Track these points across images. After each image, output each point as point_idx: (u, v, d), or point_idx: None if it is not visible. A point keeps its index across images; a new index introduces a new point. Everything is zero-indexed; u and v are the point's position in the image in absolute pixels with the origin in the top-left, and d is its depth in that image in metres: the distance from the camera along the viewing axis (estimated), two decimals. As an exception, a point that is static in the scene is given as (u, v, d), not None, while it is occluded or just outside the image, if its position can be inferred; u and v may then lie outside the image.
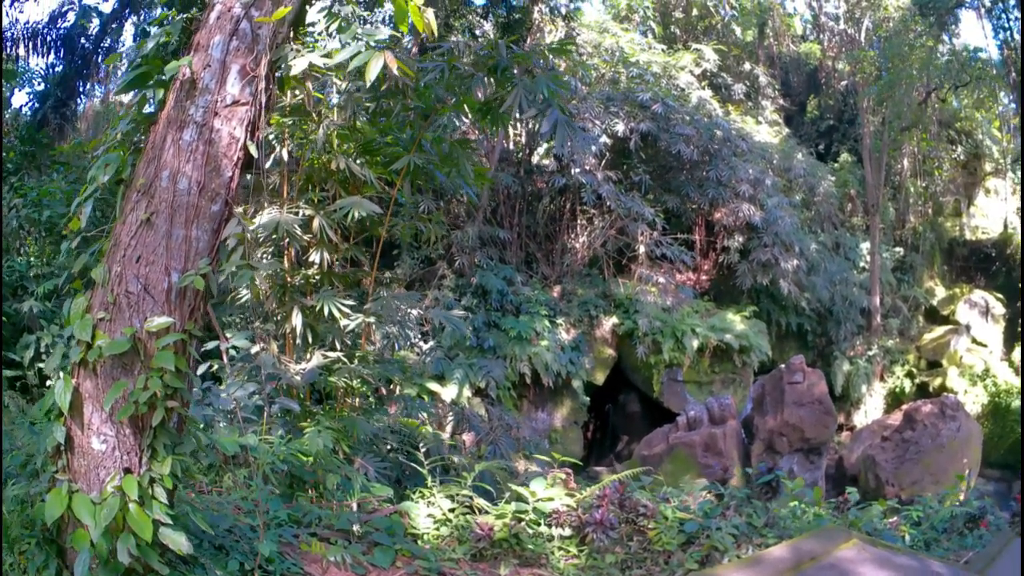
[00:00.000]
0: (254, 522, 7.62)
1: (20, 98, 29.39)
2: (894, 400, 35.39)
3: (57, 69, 27.36)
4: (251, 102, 6.43)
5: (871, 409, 35.50)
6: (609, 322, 28.42)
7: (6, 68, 22.89)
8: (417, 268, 26.68)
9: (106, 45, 27.11)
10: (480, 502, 9.91)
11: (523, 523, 9.44)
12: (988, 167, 42.97)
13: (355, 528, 8.59)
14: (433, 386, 21.93)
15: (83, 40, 27.03)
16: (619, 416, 30.76)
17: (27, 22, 26.62)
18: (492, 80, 11.00)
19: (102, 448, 6.00)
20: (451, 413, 20.77)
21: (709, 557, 8.98)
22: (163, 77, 6.55)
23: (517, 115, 9.90)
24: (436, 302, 23.99)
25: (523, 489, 9.85)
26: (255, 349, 11.71)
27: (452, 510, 9.69)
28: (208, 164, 6.25)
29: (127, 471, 5.97)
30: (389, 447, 12.53)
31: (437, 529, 9.42)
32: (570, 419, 27.46)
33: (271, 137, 11.92)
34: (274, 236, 11.38)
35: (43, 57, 27.22)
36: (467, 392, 23.41)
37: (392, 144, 12.18)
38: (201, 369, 10.41)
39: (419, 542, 9.07)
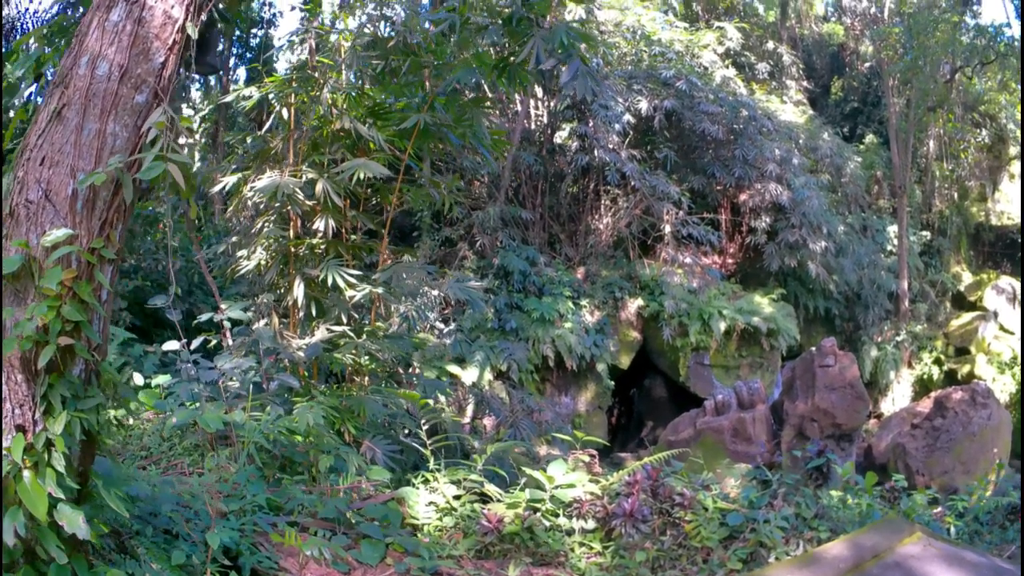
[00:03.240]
0: (227, 506, 6.84)
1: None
2: (922, 387, 34.74)
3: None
4: (194, -24, 5.54)
5: (898, 396, 34.84)
6: (634, 304, 27.88)
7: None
8: (437, 249, 26.21)
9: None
10: (490, 489, 8.95)
11: (539, 514, 8.42)
12: (1012, 151, 42.31)
13: (348, 516, 7.78)
14: (453, 368, 21.46)
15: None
16: (644, 401, 30.20)
17: (35, 12, 26.32)
18: (508, 38, 10.36)
19: (-8, 400, 4.94)
20: (471, 396, 20.24)
21: (754, 555, 7.99)
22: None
23: (533, 67, 9.09)
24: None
25: (539, 474, 8.80)
26: (260, 323, 11.13)
27: (458, 497, 8.74)
28: (135, 46, 5.28)
29: (19, 429, 4.94)
30: (407, 431, 11.79)
31: (440, 519, 8.49)
32: (594, 403, 26.87)
33: (271, 96, 11.34)
34: (276, 203, 10.78)
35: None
36: (488, 375, 22.83)
37: (404, 108, 11.55)
38: (195, 343, 9.81)
39: (419, 534, 8.18)
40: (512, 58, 10.07)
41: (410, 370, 14.17)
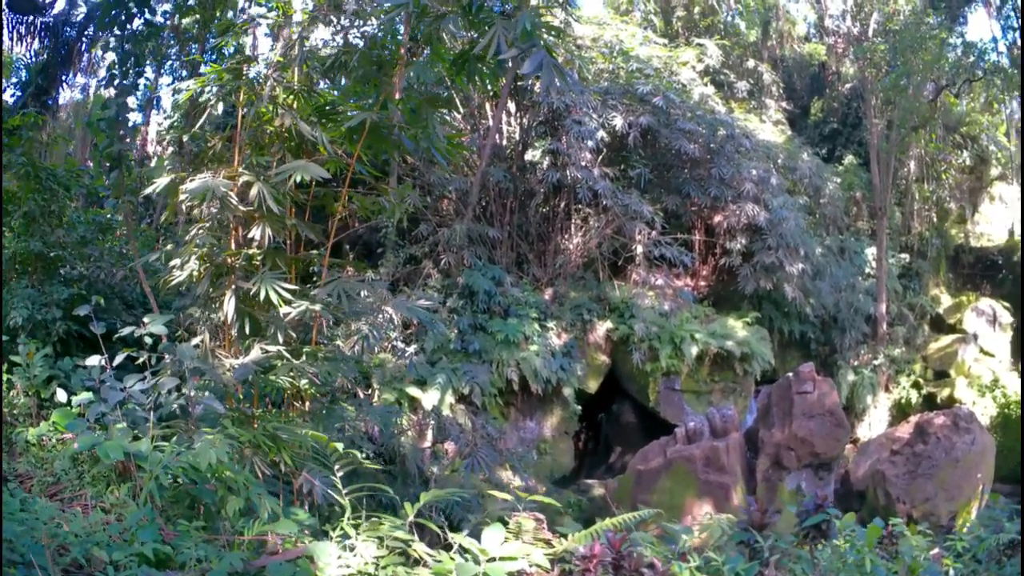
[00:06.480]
0: (111, 555, 5.72)
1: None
2: (900, 411, 34.33)
3: (41, 57, 26.53)
4: None
5: (875, 421, 34.43)
6: (603, 327, 27.16)
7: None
8: (402, 267, 25.37)
9: (90, 34, 26.16)
10: (419, 548, 7.23)
11: (472, 590, 6.72)
12: (994, 172, 42.14)
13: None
14: (413, 391, 20.64)
15: (68, 29, 26.16)
16: (612, 426, 29.52)
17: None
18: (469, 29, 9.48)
19: None
20: (430, 420, 19.40)
21: (744, 641, 6.82)
22: None
23: (493, 57, 8.19)
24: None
25: (471, 543, 6.99)
26: (195, 340, 10.16)
27: (380, 558, 7.02)
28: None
29: None
30: (366, 455, 10.70)
31: (356, 586, 6.95)
32: (560, 429, 26.09)
33: (207, 90, 10.42)
34: (212, 209, 9.82)
35: (27, 46, 26.38)
36: (450, 398, 21.92)
37: (356, 108, 10.61)
38: (118, 359, 8.86)
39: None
40: (471, 50, 9.17)
41: (369, 391, 13.26)
